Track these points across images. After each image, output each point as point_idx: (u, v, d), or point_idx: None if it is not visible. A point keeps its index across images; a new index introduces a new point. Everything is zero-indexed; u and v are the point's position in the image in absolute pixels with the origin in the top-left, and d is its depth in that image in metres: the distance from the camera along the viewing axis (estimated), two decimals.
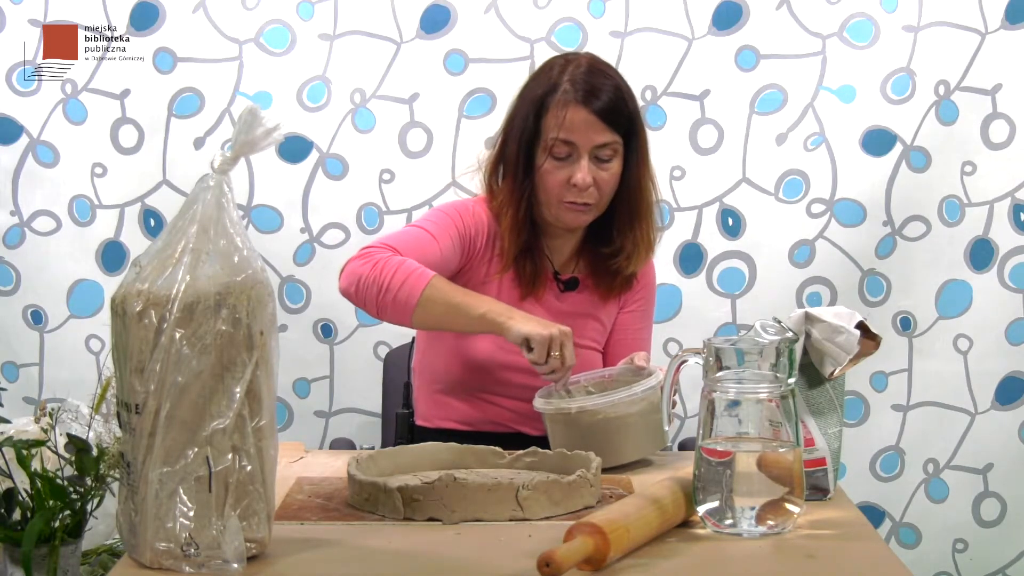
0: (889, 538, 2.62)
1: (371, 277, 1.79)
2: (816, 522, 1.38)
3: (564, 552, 1.14)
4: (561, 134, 1.87)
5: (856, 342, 1.45)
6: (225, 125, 2.58)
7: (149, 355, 1.16)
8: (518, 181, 1.92)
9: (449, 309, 1.79)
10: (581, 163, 1.87)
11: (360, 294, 1.81)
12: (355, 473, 1.46)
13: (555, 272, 2.00)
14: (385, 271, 1.78)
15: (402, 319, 1.81)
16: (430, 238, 1.88)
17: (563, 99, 1.87)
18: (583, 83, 1.88)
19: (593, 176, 1.88)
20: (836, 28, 2.57)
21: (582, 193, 1.88)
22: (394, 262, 1.79)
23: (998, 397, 2.62)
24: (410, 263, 1.80)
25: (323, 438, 2.63)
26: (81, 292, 2.62)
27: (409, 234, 1.91)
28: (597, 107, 1.86)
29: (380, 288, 1.78)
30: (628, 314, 2.07)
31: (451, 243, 1.90)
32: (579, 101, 1.86)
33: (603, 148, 1.88)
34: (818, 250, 2.59)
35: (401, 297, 1.77)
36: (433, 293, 1.78)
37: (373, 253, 1.82)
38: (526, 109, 1.92)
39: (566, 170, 1.88)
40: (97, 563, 1.51)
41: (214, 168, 1.21)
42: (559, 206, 1.91)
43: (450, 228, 1.91)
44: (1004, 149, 2.57)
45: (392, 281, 1.78)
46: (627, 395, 1.69)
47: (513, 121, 1.94)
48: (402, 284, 1.77)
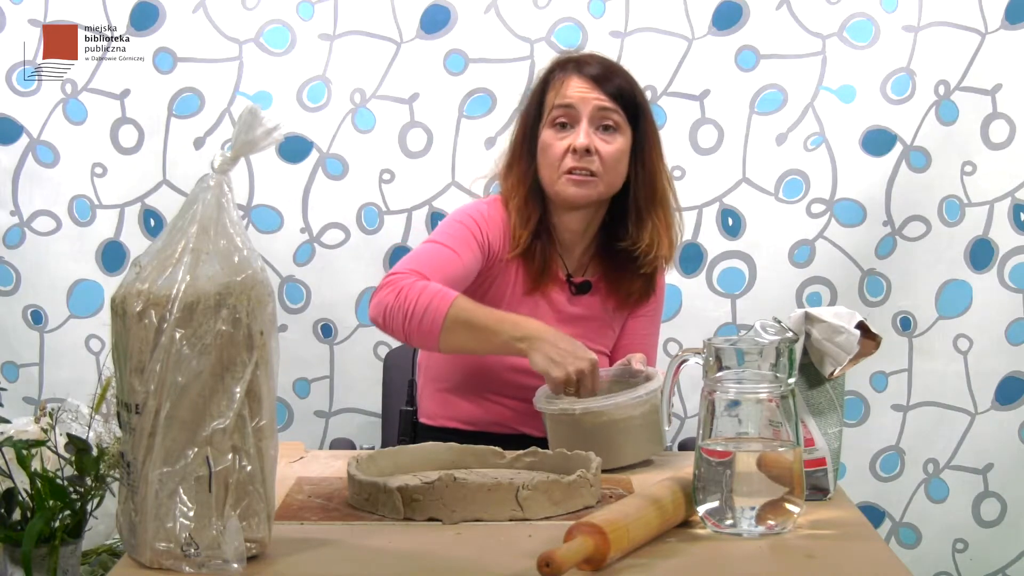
0: (889, 538, 2.62)
1: (396, 306, 1.78)
2: (816, 522, 1.38)
3: (564, 552, 1.14)
4: (559, 99, 1.91)
5: (856, 342, 1.45)
6: (225, 125, 2.58)
7: (149, 355, 1.16)
8: (525, 162, 1.95)
9: (474, 333, 1.78)
10: (581, 125, 1.90)
11: (388, 324, 1.81)
12: (355, 473, 1.46)
13: (568, 275, 2.00)
14: (408, 298, 1.77)
15: (431, 344, 1.81)
16: (452, 254, 1.87)
17: (562, 74, 1.94)
18: (585, 59, 1.95)
19: (595, 145, 1.89)
20: (836, 28, 2.57)
21: (582, 159, 1.89)
22: (417, 288, 1.78)
23: (998, 397, 2.62)
24: (432, 287, 1.79)
25: (323, 438, 2.63)
26: (81, 292, 2.62)
27: (430, 252, 1.89)
28: (597, 76, 1.91)
29: (405, 316, 1.77)
30: (638, 319, 2.07)
31: (472, 255, 1.89)
32: (578, 71, 1.92)
33: (605, 113, 1.90)
34: (818, 250, 2.59)
35: (426, 324, 1.77)
36: (456, 316, 1.76)
37: (397, 280, 1.81)
38: (532, 97, 1.98)
39: (567, 139, 1.90)
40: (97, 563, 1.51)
41: (214, 168, 1.21)
42: (561, 178, 1.91)
43: (469, 240, 1.90)
44: (1004, 149, 2.57)
45: (416, 308, 1.77)
46: (631, 397, 1.69)
47: (522, 107, 2.01)
48: (425, 310, 1.76)
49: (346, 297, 2.61)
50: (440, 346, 1.80)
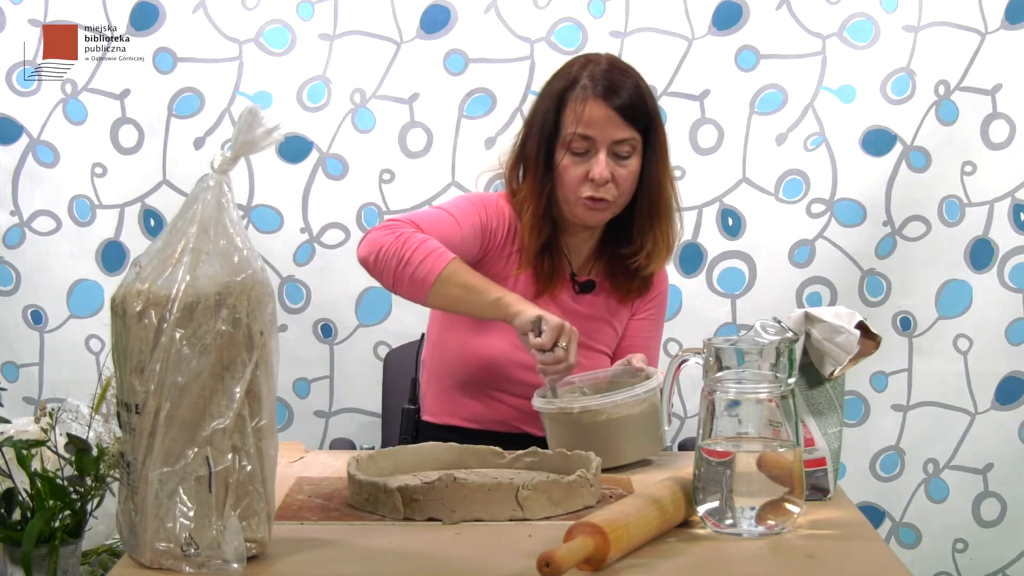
0: (889, 538, 2.62)
1: (392, 248, 1.80)
2: (816, 522, 1.38)
3: (564, 552, 1.14)
4: (579, 129, 1.88)
5: (856, 342, 1.45)
6: (225, 125, 2.58)
7: (149, 355, 1.16)
8: (538, 177, 1.93)
9: (465, 291, 1.81)
10: (599, 157, 1.88)
11: (379, 263, 1.81)
12: (355, 473, 1.46)
13: (572, 273, 2.01)
14: (407, 245, 1.79)
15: (417, 295, 1.81)
16: (453, 221, 1.90)
17: (581, 94, 1.89)
18: (602, 79, 1.89)
19: (611, 172, 1.89)
20: (836, 28, 2.57)
21: (600, 188, 1.89)
22: (417, 238, 1.81)
23: (998, 397, 2.62)
24: (432, 241, 1.81)
25: (323, 438, 2.63)
26: (81, 292, 2.62)
27: (433, 215, 1.92)
28: (616, 103, 1.88)
29: (400, 260, 1.79)
30: (640, 321, 2.07)
31: (472, 230, 1.91)
32: (598, 96, 1.88)
33: (621, 144, 1.89)
34: (818, 250, 2.59)
35: (420, 273, 1.79)
36: (451, 274, 1.79)
37: (397, 226, 1.83)
38: (546, 105, 1.94)
39: (584, 165, 1.89)
40: (97, 563, 1.51)
41: (214, 168, 1.21)
42: (577, 203, 1.92)
43: (472, 216, 1.93)
44: (1004, 149, 2.57)
45: (413, 255, 1.79)
46: (629, 396, 1.69)
47: (534, 118, 1.96)
48: (422, 260, 1.79)
49: (346, 297, 2.61)
50: (428, 297, 1.81)
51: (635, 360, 1.84)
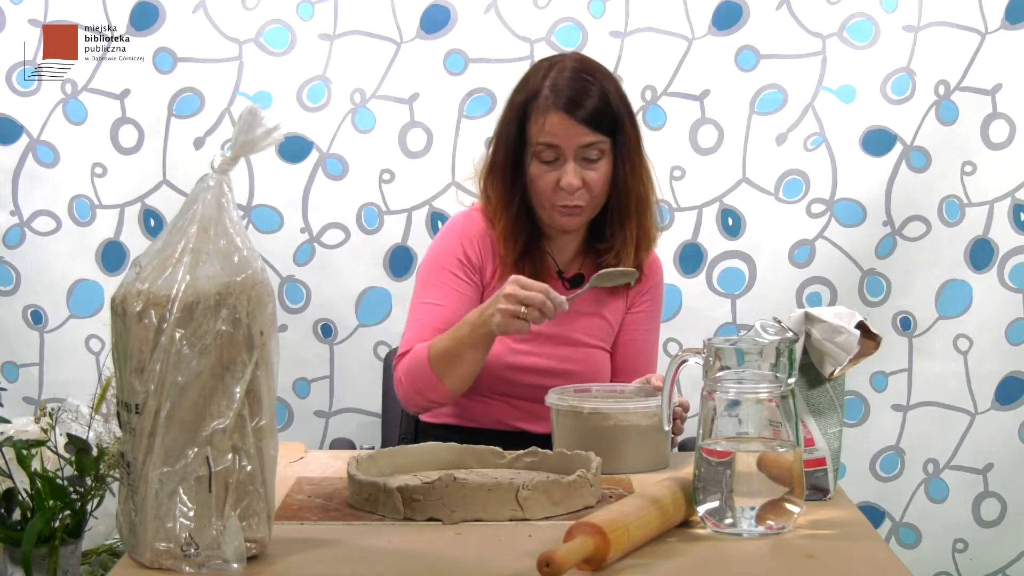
0: (889, 538, 2.62)
1: (404, 390, 1.93)
2: (816, 522, 1.38)
3: (564, 552, 1.14)
4: (543, 138, 1.89)
5: (856, 342, 1.45)
6: (225, 125, 2.58)
7: (149, 355, 1.16)
8: (507, 186, 1.95)
9: (451, 351, 1.86)
10: (567, 166, 1.89)
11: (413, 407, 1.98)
12: (355, 473, 1.46)
13: (559, 271, 2.01)
14: (405, 379, 1.92)
15: (445, 393, 1.90)
16: (437, 308, 1.95)
17: (543, 104, 1.90)
18: (564, 88, 1.89)
19: (582, 177, 1.89)
20: (836, 28, 2.57)
21: (571, 196, 1.90)
22: (403, 367, 1.92)
23: (998, 397, 2.62)
24: (407, 358, 1.92)
25: (323, 438, 2.63)
26: (81, 292, 2.62)
27: (419, 319, 1.97)
28: (579, 115, 1.88)
29: (415, 391, 1.91)
30: (636, 315, 2.07)
31: (457, 296, 1.96)
32: (559, 107, 1.88)
33: (589, 148, 1.89)
34: (818, 250, 2.59)
35: (427, 384, 1.89)
36: (435, 354, 1.87)
37: (396, 368, 1.96)
38: (509, 116, 1.95)
39: (555, 173, 1.90)
40: (97, 563, 1.51)
41: (214, 168, 1.21)
42: (553, 209, 1.93)
43: (450, 279, 1.97)
44: (1004, 149, 2.57)
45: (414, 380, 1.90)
46: (641, 406, 1.69)
47: (501, 129, 1.98)
48: (418, 375, 1.89)
49: (346, 297, 2.61)
50: (450, 388, 1.88)
51: (654, 379, 1.84)
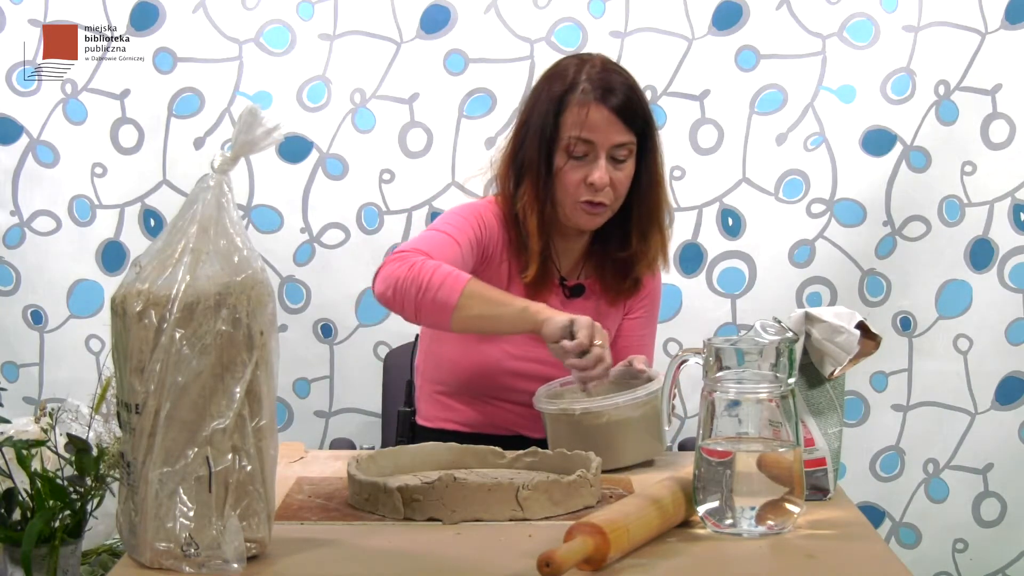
0: (889, 538, 2.62)
1: (409, 278, 1.77)
2: (816, 522, 1.38)
3: (564, 552, 1.14)
4: (582, 133, 1.87)
5: (856, 342, 1.45)
6: (225, 125, 2.58)
7: (149, 355, 1.16)
8: (540, 182, 1.91)
9: (489, 307, 1.77)
10: (599, 162, 1.87)
11: (398, 296, 1.78)
12: (355, 473, 1.46)
13: (561, 278, 2.00)
14: (423, 273, 1.76)
15: (441, 319, 1.78)
16: (453, 241, 1.87)
17: (583, 98, 1.87)
18: (600, 81, 1.88)
19: (609, 176, 1.88)
20: (836, 28, 2.57)
21: (598, 193, 1.88)
22: (431, 265, 1.78)
23: (998, 397, 2.62)
24: (446, 266, 1.78)
25: (323, 438, 2.63)
26: (81, 292, 2.62)
27: (435, 239, 1.88)
28: (615, 105, 1.86)
29: (419, 288, 1.76)
30: (633, 320, 2.07)
31: (469, 246, 1.89)
32: (599, 99, 1.87)
33: (620, 148, 1.88)
34: (818, 250, 2.59)
35: (441, 297, 1.75)
36: (472, 293, 1.76)
37: (407, 256, 1.80)
38: (544, 108, 1.91)
39: (583, 170, 1.88)
40: (97, 563, 1.51)
41: (214, 168, 1.21)
42: (575, 207, 1.91)
43: (468, 231, 1.90)
44: (1004, 149, 2.57)
45: (431, 282, 1.75)
46: (630, 398, 1.69)
47: (529, 122, 1.93)
48: (440, 285, 1.75)
49: (346, 297, 2.61)
50: (452, 321, 1.77)
51: (636, 362, 1.83)
